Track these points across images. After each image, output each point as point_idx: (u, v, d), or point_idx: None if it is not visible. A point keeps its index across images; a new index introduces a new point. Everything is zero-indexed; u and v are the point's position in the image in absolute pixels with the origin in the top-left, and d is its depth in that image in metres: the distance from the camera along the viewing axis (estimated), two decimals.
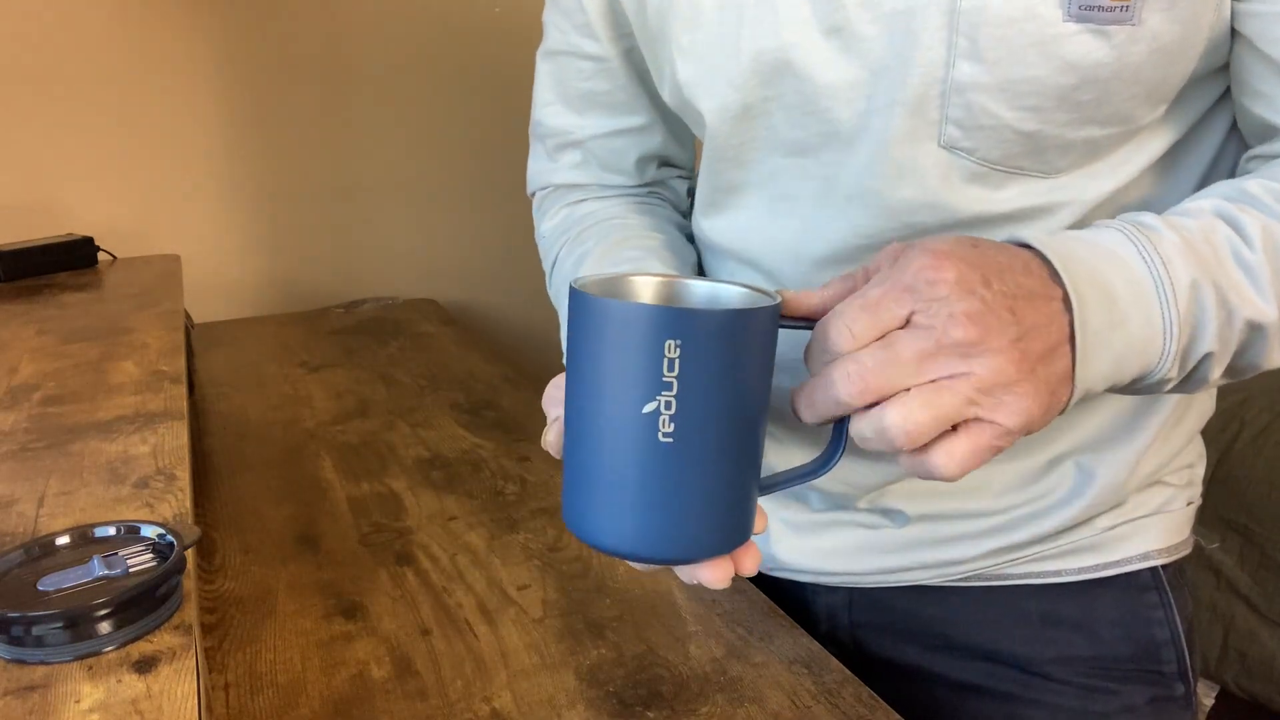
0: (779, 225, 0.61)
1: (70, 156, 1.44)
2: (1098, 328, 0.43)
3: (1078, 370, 0.43)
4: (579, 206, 0.75)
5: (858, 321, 0.40)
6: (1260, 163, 0.54)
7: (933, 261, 0.40)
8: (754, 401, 0.42)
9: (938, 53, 0.51)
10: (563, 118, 0.74)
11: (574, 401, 0.43)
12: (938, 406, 0.39)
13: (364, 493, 0.90)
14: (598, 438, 0.42)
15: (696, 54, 0.59)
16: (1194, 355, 0.46)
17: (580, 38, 0.70)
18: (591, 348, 0.41)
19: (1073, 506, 0.63)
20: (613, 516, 0.42)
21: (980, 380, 0.39)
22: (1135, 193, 0.56)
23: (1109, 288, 0.44)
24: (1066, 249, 0.44)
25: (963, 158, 0.53)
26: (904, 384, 0.39)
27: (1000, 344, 0.39)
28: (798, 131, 0.57)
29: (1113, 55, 0.49)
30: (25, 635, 0.46)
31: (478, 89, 1.68)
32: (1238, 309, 0.46)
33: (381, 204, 1.67)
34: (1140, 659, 0.66)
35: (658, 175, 0.77)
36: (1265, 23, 0.49)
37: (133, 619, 0.47)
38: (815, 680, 0.60)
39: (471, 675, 0.62)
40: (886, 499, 0.64)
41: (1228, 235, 0.47)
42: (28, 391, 0.81)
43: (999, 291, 0.40)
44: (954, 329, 0.39)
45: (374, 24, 1.58)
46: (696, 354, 0.39)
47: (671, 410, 0.40)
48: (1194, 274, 0.45)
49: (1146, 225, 0.47)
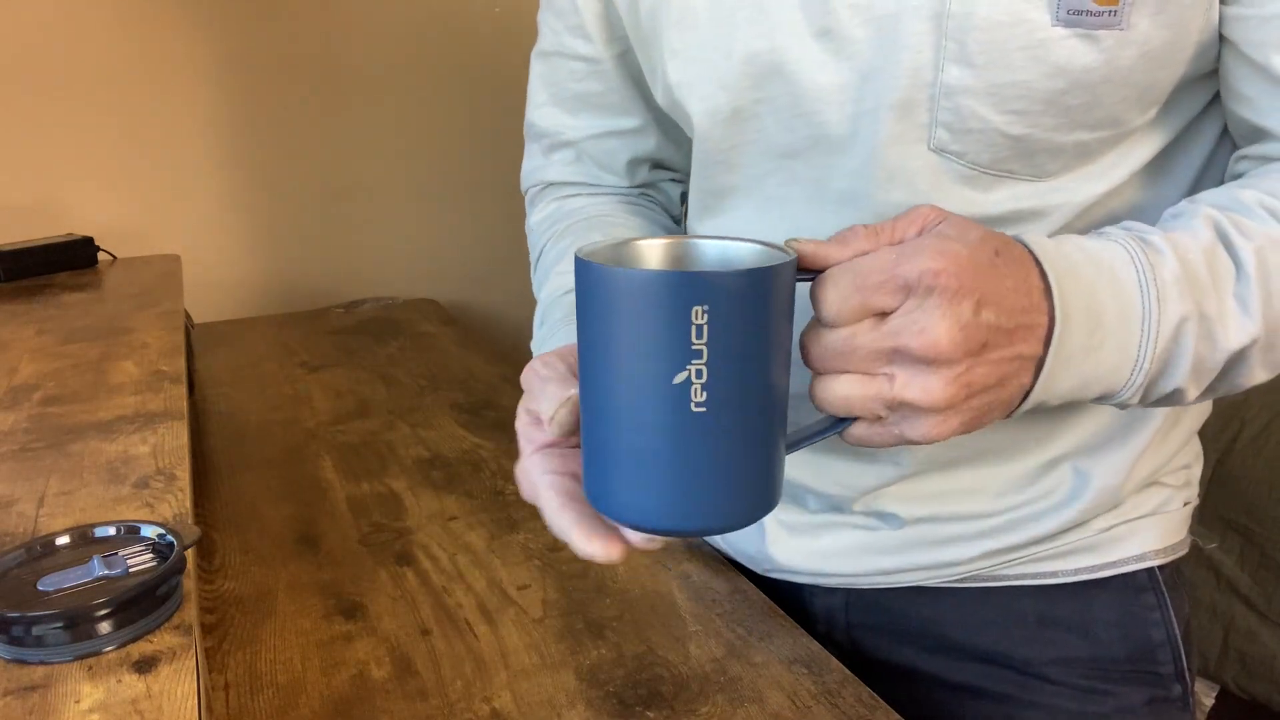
0: (770, 229, 0.61)
1: (70, 156, 1.44)
2: (1071, 351, 0.43)
3: (1040, 385, 0.43)
4: (569, 201, 0.75)
5: (849, 300, 0.41)
6: (1250, 163, 0.54)
7: (942, 267, 0.40)
8: (781, 359, 0.41)
9: (926, 56, 0.51)
10: (555, 118, 0.74)
11: (593, 378, 0.41)
12: (858, 399, 0.42)
13: (364, 493, 0.90)
14: (625, 414, 0.40)
15: (688, 56, 0.59)
16: (1159, 390, 0.47)
17: (574, 39, 0.70)
18: (610, 322, 0.39)
19: (1070, 509, 0.63)
20: (651, 493, 0.41)
21: (904, 395, 0.40)
22: (1126, 196, 0.56)
23: (1098, 312, 0.44)
24: (1068, 265, 0.44)
25: (952, 161, 0.53)
26: (848, 368, 0.41)
27: (948, 374, 0.40)
28: (787, 134, 0.57)
29: (1101, 60, 0.49)
30: (25, 635, 0.46)
31: (478, 89, 1.68)
32: (1222, 341, 0.46)
33: (382, 204, 1.67)
34: (1137, 660, 0.66)
35: (650, 178, 0.77)
36: (1249, 26, 0.49)
37: (133, 619, 0.47)
38: (815, 680, 0.60)
39: (471, 675, 0.62)
40: (881, 502, 0.64)
41: (1225, 261, 0.47)
42: (28, 391, 0.81)
43: (984, 322, 0.40)
44: (916, 341, 0.39)
45: (374, 24, 1.58)
46: (725, 318, 0.38)
47: (703, 379, 0.38)
48: (1185, 309, 0.45)
49: (1152, 246, 0.46)
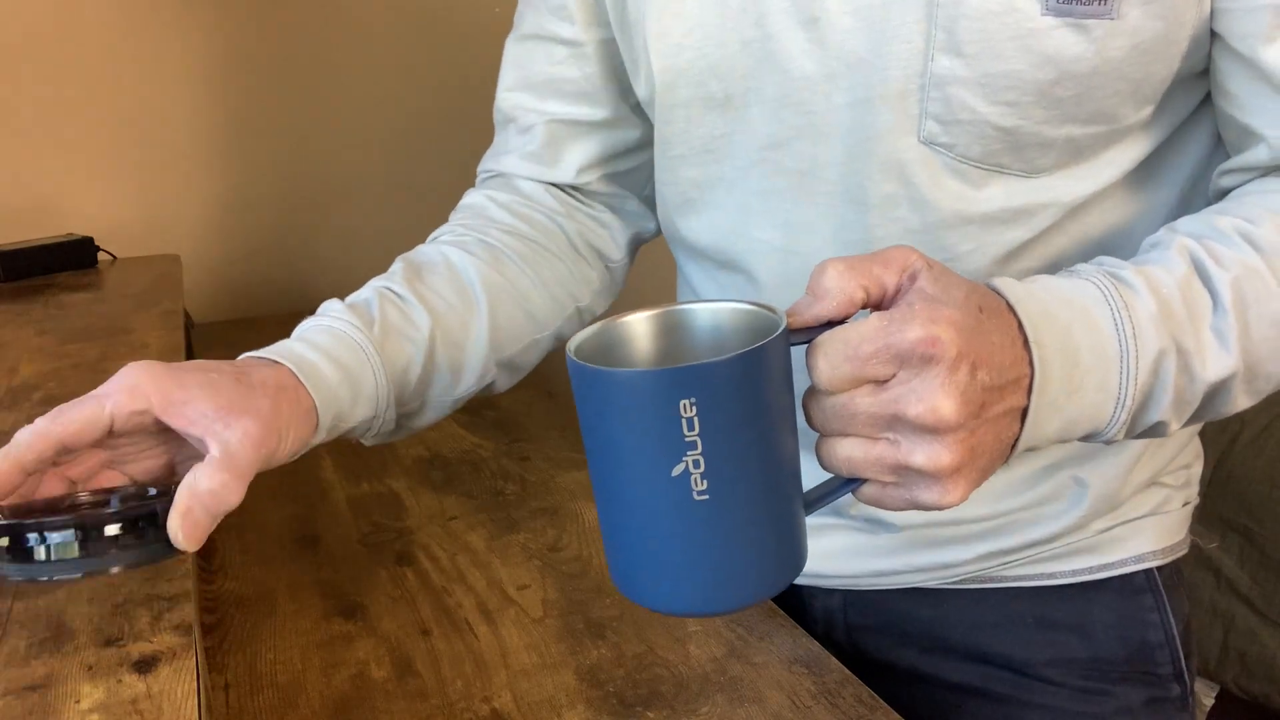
0: (758, 223, 0.60)
1: (70, 156, 1.44)
2: (1054, 396, 0.43)
3: (1026, 432, 0.43)
4: (491, 208, 0.73)
5: (839, 370, 0.40)
6: (1233, 177, 0.54)
7: (936, 335, 0.39)
8: (782, 430, 0.40)
9: (916, 46, 0.50)
10: (519, 101, 0.72)
11: (598, 470, 0.41)
12: (861, 461, 0.41)
13: (364, 493, 0.90)
14: (631, 505, 0.40)
15: (673, 42, 0.59)
16: (1143, 423, 0.47)
17: (556, 21, 0.69)
18: (603, 419, 0.39)
19: (1069, 514, 0.63)
20: (672, 580, 0.41)
21: (911, 462, 0.40)
22: (1116, 198, 0.55)
23: (1075, 355, 0.44)
24: (1042, 309, 0.44)
25: (943, 153, 0.53)
26: (850, 432, 0.41)
27: (952, 439, 0.40)
28: (775, 124, 0.57)
29: (1091, 50, 0.48)
30: (38, 545, 0.44)
31: (479, 90, 1.66)
32: (1200, 374, 0.46)
33: (382, 204, 1.66)
34: (1135, 660, 0.66)
35: (602, 181, 0.74)
36: (1234, 18, 0.49)
37: (143, 539, 0.46)
38: (815, 680, 0.60)
39: (471, 675, 0.62)
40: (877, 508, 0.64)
41: (1201, 294, 0.46)
42: (28, 391, 0.81)
43: (980, 384, 0.40)
44: (917, 410, 0.39)
45: (376, 25, 1.58)
46: (714, 406, 0.37)
47: (701, 468, 0.38)
48: (1162, 344, 0.45)
49: (1125, 283, 0.46)
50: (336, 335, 0.58)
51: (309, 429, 0.54)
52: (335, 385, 0.56)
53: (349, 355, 0.58)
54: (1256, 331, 0.46)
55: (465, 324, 0.65)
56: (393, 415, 0.61)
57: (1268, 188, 0.51)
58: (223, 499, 0.46)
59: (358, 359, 0.58)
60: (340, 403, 0.56)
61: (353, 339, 0.58)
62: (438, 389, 0.64)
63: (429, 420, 0.66)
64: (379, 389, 0.59)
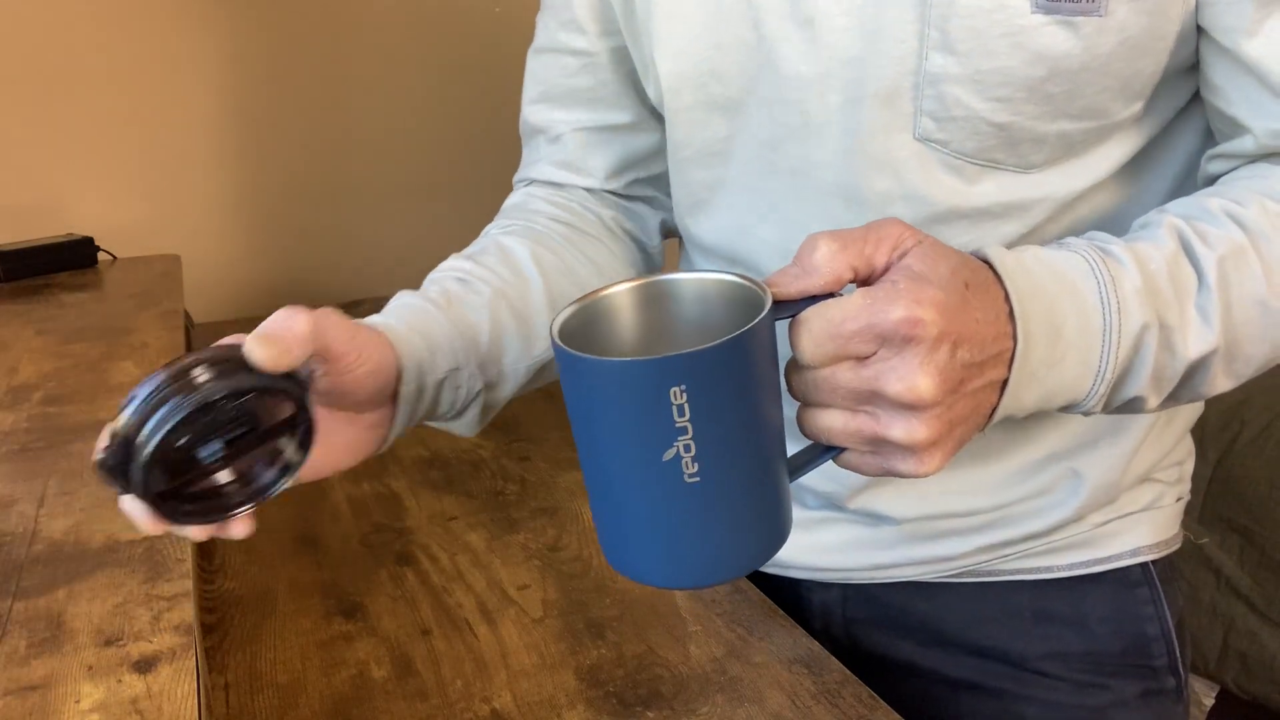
0: (760, 221, 0.61)
1: (70, 156, 1.44)
2: (1034, 368, 0.44)
3: (1004, 402, 0.44)
4: (535, 201, 0.73)
5: (823, 346, 0.40)
6: (1222, 162, 0.54)
7: (917, 317, 0.39)
8: (770, 405, 0.41)
9: (910, 44, 0.51)
10: (545, 114, 0.73)
11: (588, 454, 0.41)
12: (841, 432, 0.42)
13: (364, 493, 0.90)
14: (624, 488, 0.40)
15: (676, 47, 0.60)
16: (1121, 396, 0.47)
17: (567, 33, 0.70)
18: (592, 406, 0.40)
19: (1065, 506, 0.63)
20: (666, 556, 0.42)
21: (888, 435, 0.41)
22: (1109, 191, 0.56)
23: (1059, 328, 0.44)
24: (1029, 282, 0.44)
25: (937, 150, 0.54)
26: (830, 403, 0.42)
27: (929, 415, 0.40)
28: (773, 125, 0.57)
29: (1080, 46, 0.49)
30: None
31: (480, 89, 1.68)
32: (1181, 350, 0.46)
33: (382, 204, 1.66)
34: (1131, 653, 0.66)
35: (630, 190, 0.75)
36: (1218, 12, 0.50)
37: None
38: (815, 680, 0.60)
39: (471, 675, 0.62)
40: (875, 502, 0.65)
41: (1188, 271, 0.47)
42: (28, 391, 0.81)
43: (959, 362, 0.41)
44: (896, 388, 0.39)
45: (376, 24, 1.58)
46: (704, 391, 0.38)
47: (691, 452, 0.38)
48: (1145, 318, 0.45)
49: (1113, 257, 0.46)
50: (394, 307, 0.58)
51: (388, 353, 0.52)
52: (404, 333, 0.54)
53: (414, 316, 0.57)
54: (1239, 311, 0.47)
55: (524, 295, 0.64)
56: (477, 377, 0.59)
57: (1257, 173, 0.52)
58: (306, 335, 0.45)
59: (424, 318, 0.57)
60: (416, 350, 0.54)
61: (413, 304, 0.58)
62: (511, 356, 0.62)
63: (509, 392, 0.64)
64: (452, 342, 0.57)
